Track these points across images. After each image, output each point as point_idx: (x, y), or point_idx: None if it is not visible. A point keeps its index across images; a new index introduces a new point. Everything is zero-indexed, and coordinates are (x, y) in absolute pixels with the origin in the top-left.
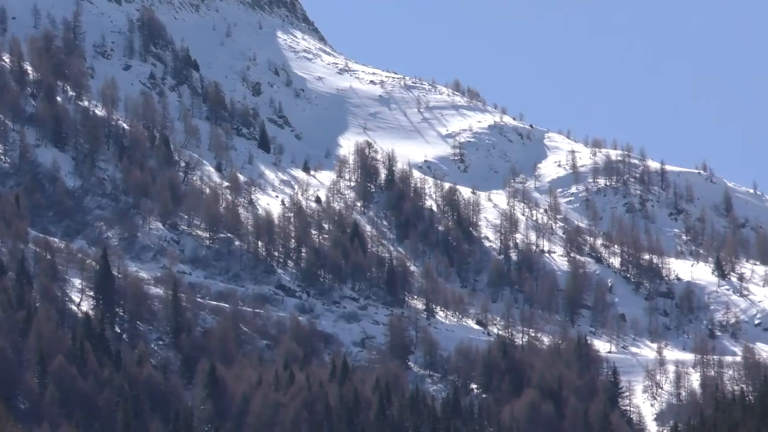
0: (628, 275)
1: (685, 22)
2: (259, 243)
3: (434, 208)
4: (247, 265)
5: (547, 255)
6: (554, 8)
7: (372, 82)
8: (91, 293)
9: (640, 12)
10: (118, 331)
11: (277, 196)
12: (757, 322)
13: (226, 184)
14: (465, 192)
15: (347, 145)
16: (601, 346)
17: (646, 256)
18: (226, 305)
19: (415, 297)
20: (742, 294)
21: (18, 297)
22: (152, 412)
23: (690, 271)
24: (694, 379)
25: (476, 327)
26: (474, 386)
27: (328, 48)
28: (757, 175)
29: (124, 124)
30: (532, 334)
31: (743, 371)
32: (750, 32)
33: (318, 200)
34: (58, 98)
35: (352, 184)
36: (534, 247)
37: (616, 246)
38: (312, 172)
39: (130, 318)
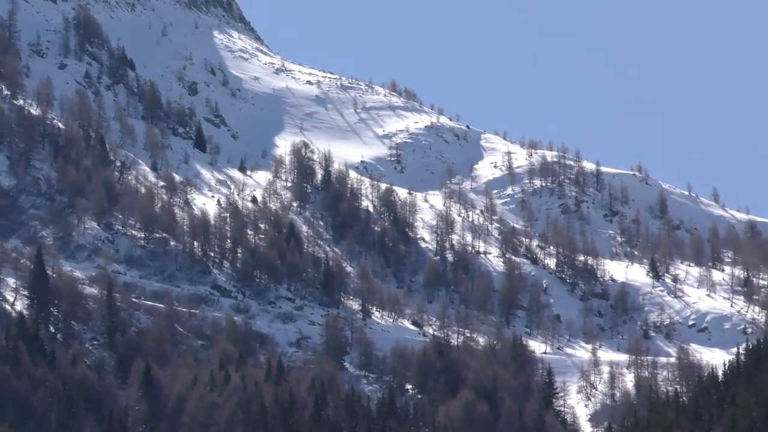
0: (563, 276)
1: (620, 23)
2: (195, 243)
3: (370, 208)
4: (183, 265)
5: (482, 256)
6: (491, 9)
7: (308, 82)
8: (26, 293)
9: (578, 13)
10: (53, 330)
11: (213, 196)
12: (691, 323)
13: (161, 183)
14: (401, 193)
15: (284, 145)
16: (536, 346)
17: (581, 257)
18: (161, 305)
19: (351, 297)
20: (677, 295)
21: None
22: (86, 412)
23: (625, 272)
24: (629, 380)
25: (412, 327)
26: (409, 386)
27: (265, 48)
28: (692, 176)
29: (60, 124)
30: (468, 335)
31: (677, 372)
32: (685, 35)
33: (254, 200)
34: None
35: (289, 184)
36: (470, 248)
37: (551, 247)
38: (248, 172)
39: (65, 318)
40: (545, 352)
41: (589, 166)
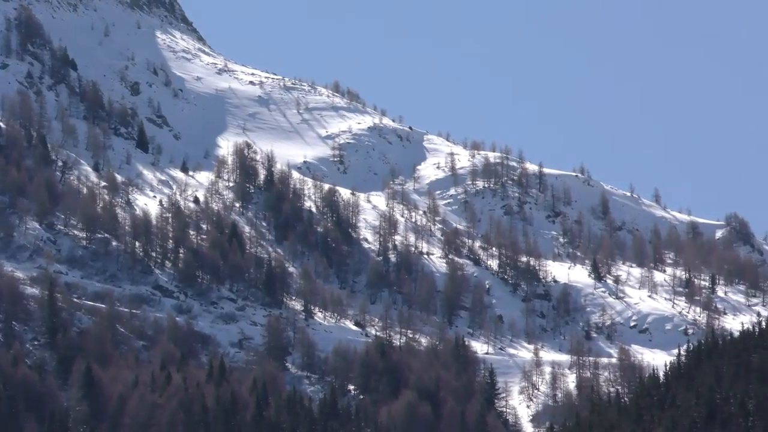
0: (506, 277)
1: (560, 23)
2: (137, 243)
3: (313, 209)
4: (125, 265)
5: (425, 256)
6: (432, 10)
7: (251, 82)
8: None
9: (519, 12)
10: None
11: (155, 196)
12: (632, 324)
13: (103, 183)
14: (344, 193)
15: (226, 146)
16: (479, 347)
17: (524, 258)
18: (103, 305)
19: (294, 298)
20: (618, 296)
21: None
22: (27, 413)
23: (567, 273)
24: (570, 381)
25: (354, 328)
26: (351, 387)
27: (207, 48)
28: (633, 178)
29: (1, 123)
30: (410, 335)
31: (618, 373)
32: (623, 36)
33: (196, 200)
34: None
35: (231, 184)
36: (413, 249)
37: (494, 248)
38: (190, 173)
39: (6, 318)
40: (487, 353)
41: (531, 167)
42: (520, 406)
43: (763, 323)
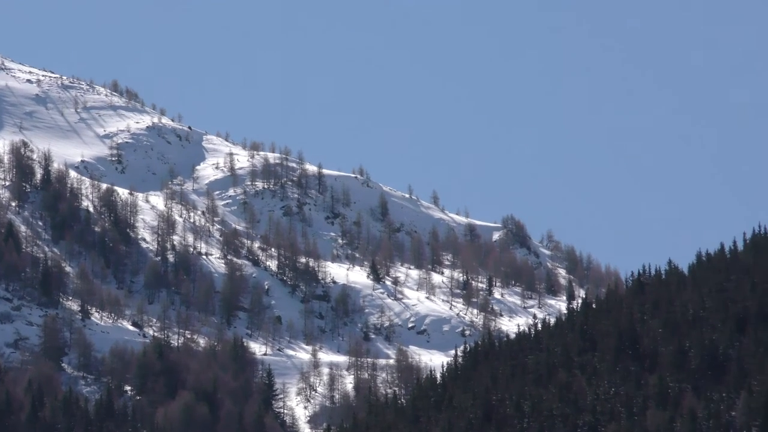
0: (285, 278)
1: (334, 26)
2: None
3: (91, 208)
4: None
5: (204, 257)
6: (210, 9)
7: (28, 80)
8: None
9: (290, 11)
10: None
11: None
12: (410, 325)
13: None
14: (122, 193)
15: (2, 144)
16: (257, 348)
17: (303, 259)
18: None
19: (70, 298)
20: (397, 297)
21: None
22: None
23: (346, 274)
24: (348, 382)
25: (132, 328)
26: (128, 388)
27: None
28: (412, 179)
29: None
30: (188, 336)
31: (396, 374)
32: (397, 38)
33: None
34: None
35: (7, 183)
36: (191, 249)
37: (273, 249)
38: None
39: None
40: (266, 354)
41: (311, 168)
42: (297, 407)
43: (539, 325)
